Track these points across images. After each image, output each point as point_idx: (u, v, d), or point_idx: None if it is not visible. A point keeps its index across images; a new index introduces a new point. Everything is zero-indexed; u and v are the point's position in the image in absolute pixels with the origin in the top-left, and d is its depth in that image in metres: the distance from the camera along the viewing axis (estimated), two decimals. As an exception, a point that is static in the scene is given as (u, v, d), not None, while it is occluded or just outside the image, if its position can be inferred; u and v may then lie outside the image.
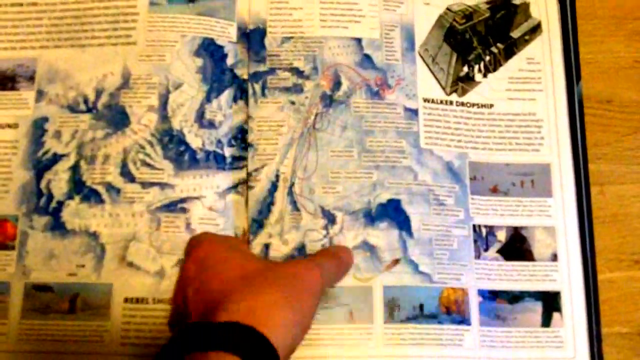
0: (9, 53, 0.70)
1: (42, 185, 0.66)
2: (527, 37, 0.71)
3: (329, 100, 0.68)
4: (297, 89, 0.68)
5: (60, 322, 0.63)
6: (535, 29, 0.71)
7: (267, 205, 0.66)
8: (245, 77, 0.69)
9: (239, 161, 0.67)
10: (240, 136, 0.68)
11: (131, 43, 0.69)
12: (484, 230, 0.66)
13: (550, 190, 0.67)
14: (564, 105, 0.69)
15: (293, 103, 0.68)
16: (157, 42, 0.69)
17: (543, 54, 0.71)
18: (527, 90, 0.70)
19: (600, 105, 0.70)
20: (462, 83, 0.70)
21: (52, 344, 0.62)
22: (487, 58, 0.71)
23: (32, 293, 0.63)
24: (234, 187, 0.66)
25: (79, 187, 0.66)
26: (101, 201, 0.65)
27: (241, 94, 0.69)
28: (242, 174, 0.67)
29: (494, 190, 0.67)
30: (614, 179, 0.68)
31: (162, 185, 0.66)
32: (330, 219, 0.65)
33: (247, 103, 0.68)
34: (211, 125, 0.67)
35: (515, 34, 0.71)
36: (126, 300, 0.63)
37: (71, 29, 0.70)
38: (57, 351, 0.62)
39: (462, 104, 0.69)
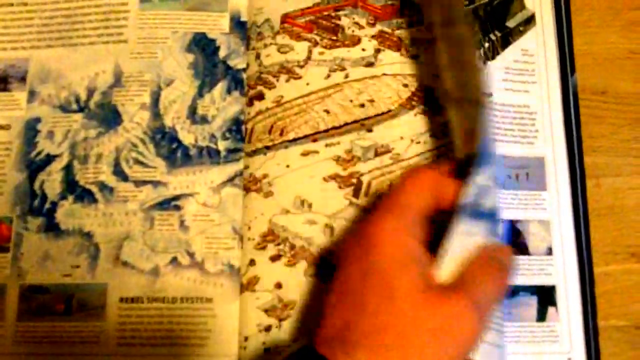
0: (0, 54, 0.70)
1: (36, 186, 0.66)
2: (521, 28, 0.70)
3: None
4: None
5: (57, 323, 0.63)
6: (530, 20, 0.70)
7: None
8: (240, 67, 0.69)
9: (234, 153, 0.67)
10: (236, 128, 0.67)
11: (122, 41, 0.69)
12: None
13: (545, 183, 0.67)
14: (558, 98, 0.68)
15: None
16: (148, 39, 0.69)
17: (537, 46, 0.70)
18: (521, 82, 0.69)
19: (595, 97, 0.69)
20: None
21: (49, 345, 0.62)
22: (486, 45, 0.70)
23: (27, 295, 0.64)
24: (230, 180, 0.66)
25: (72, 187, 0.66)
26: (94, 201, 0.66)
27: (235, 85, 0.69)
28: (238, 166, 0.66)
29: (489, 184, 0.67)
30: (610, 172, 0.68)
31: (155, 183, 0.66)
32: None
33: (241, 93, 0.68)
34: (204, 120, 0.67)
35: (511, 23, 0.70)
36: (121, 299, 0.63)
37: (62, 28, 0.70)
38: (54, 353, 0.62)
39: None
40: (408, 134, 0.67)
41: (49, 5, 0.71)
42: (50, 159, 0.67)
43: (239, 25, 0.70)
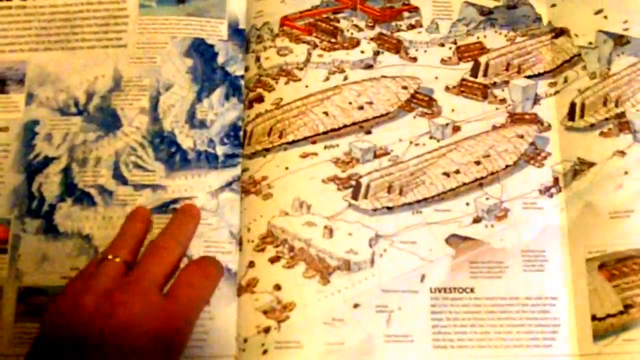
0: (-2, 56, 0.71)
1: (34, 188, 0.66)
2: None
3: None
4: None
5: (54, 325, 0.62)
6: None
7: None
8: (238, 74, 0.69)
9: (232, 159, 0.67)
10: (233, 133, 0.68)
11: (122, 45, 0.70)
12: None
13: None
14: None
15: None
16: (147, 44, 0.70)
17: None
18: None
19: None
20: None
21: (46, 347, 0.62)
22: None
23: (25, 296, 0.63)
24: (228, 185, 0.66)
25: (70, 189, 0.66)
26: (93, 204, 0.66)
27: (233, 91, 0.69)
28: (236, 171, 0.67)
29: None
30: None
31: (154, 187, 0.66)
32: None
33: (239, 100, 0.69)
34: (202, 125, 0.68)
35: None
36: (119, 302, 0.63)
37: (61, 31, 0.70)
38: (51, 354, 0.62)
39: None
40: (407, 136, 0.67)
41: (48, 9, 0.71)
42: (48, 161, 0.67)
43: (237, 33, 0.71)
